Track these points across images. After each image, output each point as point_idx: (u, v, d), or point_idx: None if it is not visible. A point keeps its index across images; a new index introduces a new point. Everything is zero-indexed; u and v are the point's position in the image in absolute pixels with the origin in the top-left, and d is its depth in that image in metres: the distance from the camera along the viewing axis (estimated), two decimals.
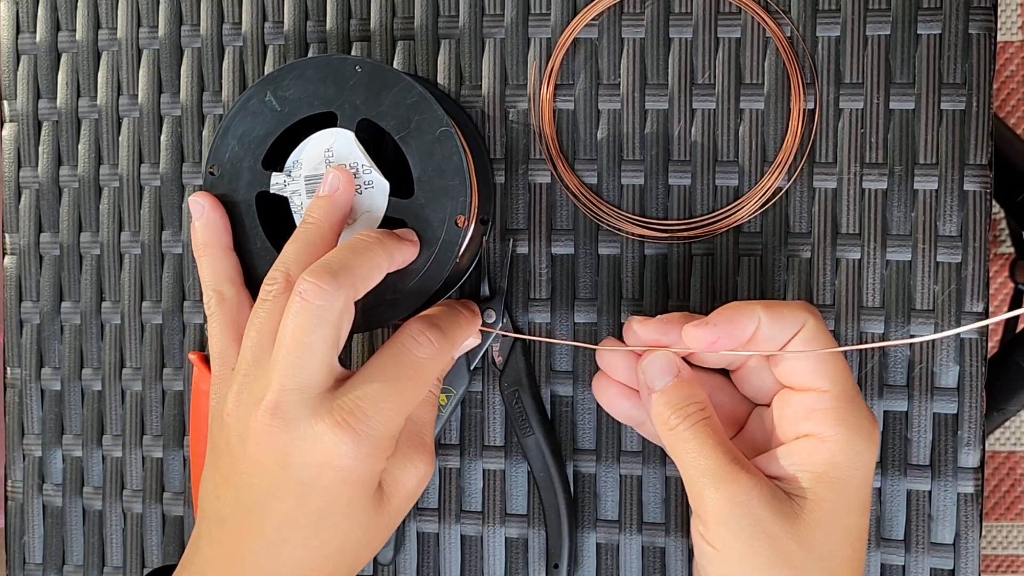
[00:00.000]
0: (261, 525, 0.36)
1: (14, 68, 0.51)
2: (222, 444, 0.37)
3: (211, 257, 0.40)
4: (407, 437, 0.39)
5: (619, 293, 0.46)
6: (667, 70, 0.45)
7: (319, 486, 0.35)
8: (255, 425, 0.35)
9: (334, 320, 0.35)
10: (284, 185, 0.40)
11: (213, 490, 0.38)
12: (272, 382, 0.35)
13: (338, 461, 0.35)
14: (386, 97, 0.39)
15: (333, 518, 0.36)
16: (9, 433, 0.51)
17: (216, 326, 0.40)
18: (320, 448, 0.35)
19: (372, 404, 0.35)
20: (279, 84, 0.40)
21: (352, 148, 0.40)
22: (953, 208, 0.44)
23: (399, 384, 0.36)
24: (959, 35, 0.43)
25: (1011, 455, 1.20)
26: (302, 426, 0.35)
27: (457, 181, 0.39)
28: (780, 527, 0.35)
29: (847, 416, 0.36)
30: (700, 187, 0.45)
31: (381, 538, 0.39)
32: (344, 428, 0.34)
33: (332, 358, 0.36)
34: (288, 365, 0.35)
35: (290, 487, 0.35)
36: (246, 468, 0.36)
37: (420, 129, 0.39)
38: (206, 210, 0.40)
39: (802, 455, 0.37)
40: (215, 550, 0.37)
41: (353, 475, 0.35)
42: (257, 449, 0.35)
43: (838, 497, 0.36)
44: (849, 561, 0.37)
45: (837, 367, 0.37)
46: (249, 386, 0.36)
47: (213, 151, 0.41)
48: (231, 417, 0.37)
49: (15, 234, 0.51)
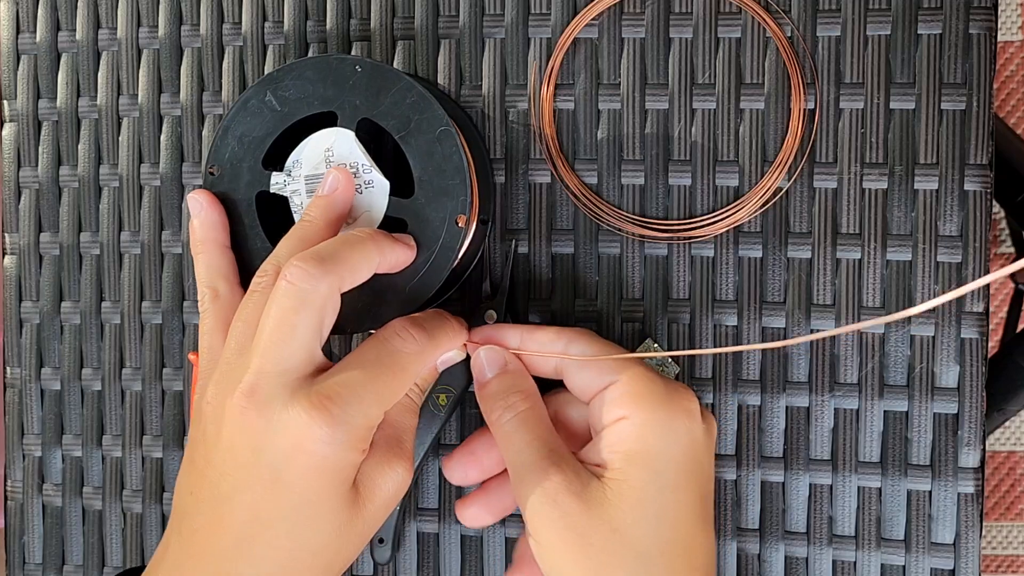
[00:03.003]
0: (231, 519, 0.35)
1: (14, 68, 0.51)
2: (199, 435, 0.36)
3: (207, 254, 0.40)
4: (386, 440, 0.38)
5: (619, 293, 0.46)
6: (667, 70, 0.45)
7: (291, 474, 0.34)
8: (231, 409, 0.34)
9: (318, 305, 0.35)
10: (284, 185, 0.40)
11: (187, 486, 0.37)
12: (251, 365, 0.35)
13: (312, 446, 0.34)
14: (386, 97, 0.39)
15: (304, 513, 0.35)
16: (9, 433, 0.51)
17: (208, 322, 0.39)
18: (293, 430, 0.34)
19: (350, 390, 0.35)
20: (279, 84, 0.40)
21: (352, 148, 0.40)
22: (953, 208, 0.44)
23: (379, 373, 0.36)
24: (959, 35, 0.43)
25: (1011, 455, 1.20)
26: (278, 409, 0.34)
27: (457, 181, 0.39)
28: (588, 517, 0.36)
29: (647, 393, 0.38)
30: (700, 187, 0.45)
31: (354, 546, 0.37)
32: (320, 411, 0.34)
33: (314, 344, 0.35)
34: (268, 347, 0.34)
35: (261, 474, 0.34)
36: (219, 457, 0.35)
37: (420, 128, 0.39)
38: (204, 207, 0.40)
39: (613, 437, 0.38)
40: (185, 550, 0.36)
41: (327, 463, 0.34)
42: (231, 433, 0.35)
43: (648, 474, 0.37)
44: (672, 543, 0.36)
45: (620, 361, 0.39)
46: (229, 373, 0.36)
47: (213, 151, 0.41)
48: (209, 405, 0.36)
49: (15, 234, 0.51)
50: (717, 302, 0.45)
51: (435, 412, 0.46)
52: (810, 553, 0.45)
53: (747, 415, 0.45)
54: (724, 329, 0.45)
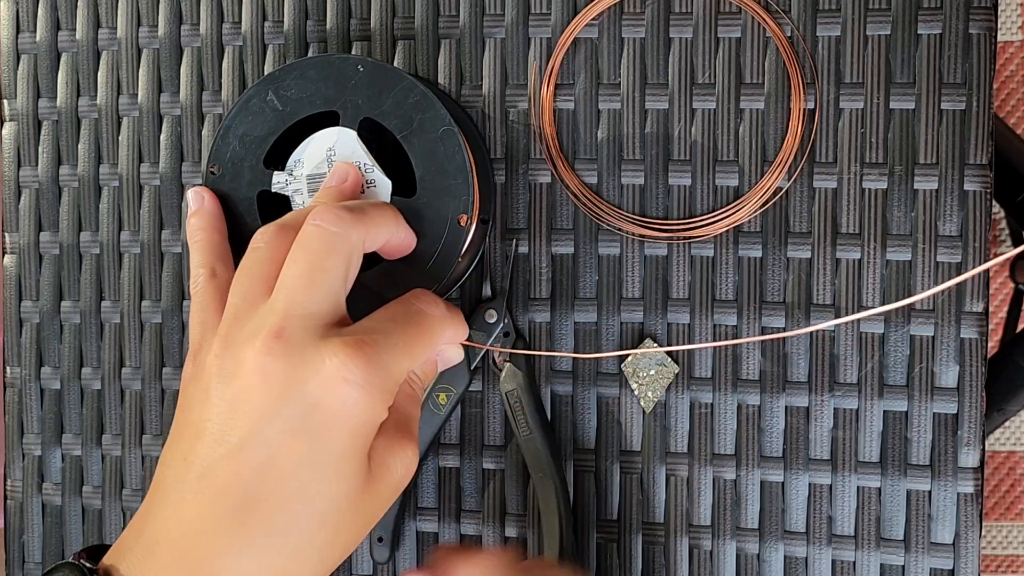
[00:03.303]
0: (234, 478, 0.32)
1: (14, 67, 0.51)
2: (198, 395, 0.33)
3: (205, 240, 0.39)
4: (395, 422, 0.36)
5: (619, 293, 0.46)
6: (667, 70, 0.45)
7: (316, 422, 0.32)
8: (252, 353, 0.32)
9: (347, 250, 0.34)
10: (286, 184, 0.40)
11: (179, 453, 0.33)
12: (276, 307, 0.32)
13: (343, 390, 0.31)
14: (388, 96, 0.39)
15: (322, 470, 0.32)
16: (9, 432, 0.51)
17: (203, 299, 0.37)
18: (326, 372, 0.31)
19: (385, 337, 0.33)
20: (280, 84, 0.40)
21: (354, 147, 0.40)
22: (953, 208, 0.44)
23: (407, 326, 0.35)
24: (959, 35, 0.43)
25: (1011, 455, 1.20)
26: (311, 348, 0.32)
27: (459, 180, 0.39)
28: None
29: None
30: (700, 187, 0.45)
31: (357, 528, 0.34)
32: (357, 351, 0.32)
33: (341, 292, 0.34)
34: (296, 288, 0.33)
35: (282, 422, 0.32)
36: (227, 409, 0.32)
37: (423, 128, 0.39)
38: (205, 200, 0.40)
39: None
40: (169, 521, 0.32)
41: (356, 411, 0.32)
42: (249, 380, 0.32)
43: None
44: None
45: None
46: (240, 326, 0.33)
47: (214, 151, 0.41)
48: (217, 359, 0.33)
49: (15, 233, 0.51)
50: (717, 302, 0.45)
51: (435, 411, 0.46)
52: (809, 553, 0.45)
53: (746, 415, 0.45)
54: (724, 329, 0.45)
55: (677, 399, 0.46)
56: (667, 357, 0.45)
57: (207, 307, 0.37)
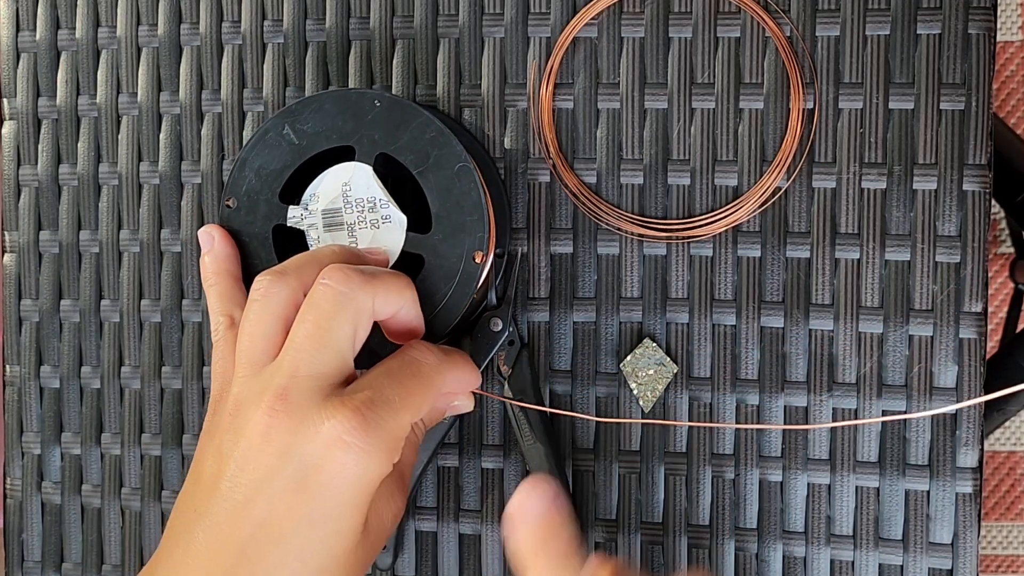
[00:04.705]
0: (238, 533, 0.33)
1: (14, 66, 0.51)
2: (211, 450, 0.35)
3: (222, 285, 0.39)
4: (393, 473, 0.37)
5: (618, 293, 0.46)
6: (667, 69, 0.45)
7: (316, 482, 0.33)
8: (258, 412, 0.33)
9: (354, 311, 0.34)
10: (301, 218, 0.40)
11: (191, 505, 0.35)
12: (283, 367, 0.33)
13: (344, 454, 0.32)
14: (404, 132, 0.39)
15: (321, 527, 0.33)
16: (8, 431, 0.51)
17: (224, 349, 0.38)
18: (327, 435, 0.32)
19: (384, 397, 0.34)
20: (297, 117, 0.40)
21: (370, 182, 0.40)
22: (952, 208, 0.44)
23: (405, 381, 0.35)
24: (959, 35, 0.43)
25: (1011, 455, 1.20)
26: (312, 410, 0.33)
27: (475, 217, 0.39)
28: None
29: None
30: (699, 187, 0.45)
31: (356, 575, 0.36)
32: (357, 416, 0.32)
33: (348, 353, 0.35)
34: (303, 349, 0.33)
35: (284, 481, 0.33)
36: (236, 467, 0.33)
37: (439, 164, 0.39)
38: (216, 241, 0.40)
39: None
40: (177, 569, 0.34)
41: (357, 471, 0.33)
42: (255, 438, 0.33)
43: None
44: None
45: None
46: (251, 384, 0.35)
47: (230, 184, 0.41)
48: (229, 416, 0.35)
49: (14, 232, 0.51)
50: (716, 301, 0.45)
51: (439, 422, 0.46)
52: (808, 553, 0.45)
53: (746, 415, 0.45)
54: (723, 329, 0.45)
55: (676, 399, 0.46)
56: (666, 357, 0.45)
57: (227, 356, 0.38)
